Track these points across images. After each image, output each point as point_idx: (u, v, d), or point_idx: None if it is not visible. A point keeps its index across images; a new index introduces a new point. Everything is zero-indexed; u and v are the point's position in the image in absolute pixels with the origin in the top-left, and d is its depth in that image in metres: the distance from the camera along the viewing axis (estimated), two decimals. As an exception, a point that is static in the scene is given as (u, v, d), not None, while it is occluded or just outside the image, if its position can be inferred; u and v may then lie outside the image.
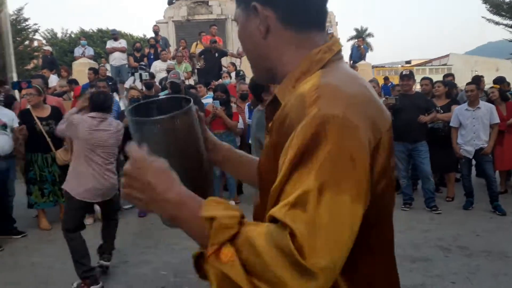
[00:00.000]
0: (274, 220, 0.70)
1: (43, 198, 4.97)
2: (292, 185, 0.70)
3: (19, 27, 15.77)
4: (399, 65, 40.91)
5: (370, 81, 6.29)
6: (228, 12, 13.99)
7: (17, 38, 15.21)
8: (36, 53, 17.55)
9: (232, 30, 13.18)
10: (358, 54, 12.35)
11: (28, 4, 19.19)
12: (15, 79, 10.57)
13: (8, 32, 11.63)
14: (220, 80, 8.70)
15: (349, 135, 0.71)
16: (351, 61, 12.37)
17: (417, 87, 6.96)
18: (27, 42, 17.47)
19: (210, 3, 14.25)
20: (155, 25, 12.30)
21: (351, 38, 46.92)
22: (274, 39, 0.88)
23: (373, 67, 19.07)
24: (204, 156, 1.08)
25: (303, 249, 0.65)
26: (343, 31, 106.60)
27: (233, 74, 9.16)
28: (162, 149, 0.93)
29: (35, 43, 19.13)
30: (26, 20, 16.41)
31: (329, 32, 11.86)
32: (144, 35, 27.10)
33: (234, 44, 12.80)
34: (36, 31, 16.45)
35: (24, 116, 4.92)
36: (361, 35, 44.60)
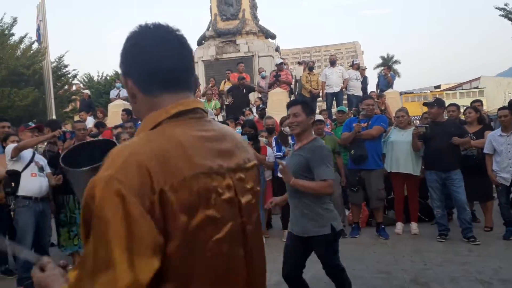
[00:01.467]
0: None
1: (69, 241, 5.06)
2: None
3: (59, 73, 16.74)
4: (428, 91, 40.26)
5: (399, 110, 6.26)
6: (254, 49, 14.41)
7: (57, 83, 16.12)
8: (74, 97, 18.51)
9: (259, 66, 13.52)
10: (385, 82, 12.32)
11: (68, 52, 20.34)
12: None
13: (50, 79, 12.38)
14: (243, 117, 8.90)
15: (111, 188, 0.82)
16: (378, 90, 12.34)
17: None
18: (66, 87, 18.48)
19: (237, 42, 14.73)
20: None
21: (377, 66, 46.93)
22: (139, 103, 1.03)
23: (401, 94, 18.90)
24: None
25: None
26: (369, 60, 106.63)
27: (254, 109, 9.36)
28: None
29: (74, 87, 20.20)
30: (66, 66, 17.44)
31: (355, 62, 11.99)
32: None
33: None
34: (75, 76, 17.42)
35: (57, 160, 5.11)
36: (387, 62, 44.48)
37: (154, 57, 0.98)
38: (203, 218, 0.91)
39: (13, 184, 4.54)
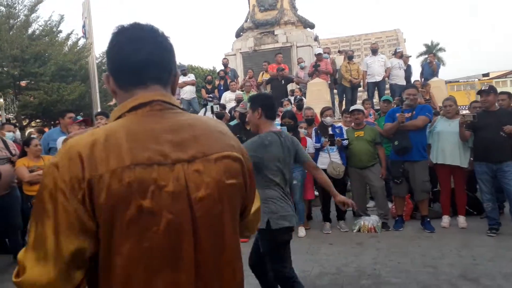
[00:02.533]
0: None
1: None
2: None
3: (104, 68, 17.32)
4: (476, 79, 38.35)
5: (447, 99, 6.00)
6: (293, 39, 14.27)
7: (102, 78, 16.69)
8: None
9: (297, 56, 13.39)
10: (430, 71, 11.83)
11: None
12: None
13: (95, 73, 12.83)
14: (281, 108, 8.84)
15: (50, 175, 0.94)
16: (422, 79, 11.90)
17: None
18: (110, 81, 19.10)
19: (275, 32, 14.64)
20: (224, 58, 12.91)
21: (421, 54, 45.27)
22: (118, 98, 1.11)
23: (447, 82, 18.13)
24: None
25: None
26: (412, 48, 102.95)
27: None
28: None
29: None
30: (109, 61, 17.99)
31: (398, 50, 11.60)
32: (214, 67, 28.33)
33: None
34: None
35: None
36: (431, 50, 42.84)
37: (124, 54, 1.06)
38: (137, 209, 0.93)
39: None
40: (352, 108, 6.29)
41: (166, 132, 1.02)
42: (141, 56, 1.06)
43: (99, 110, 12.25)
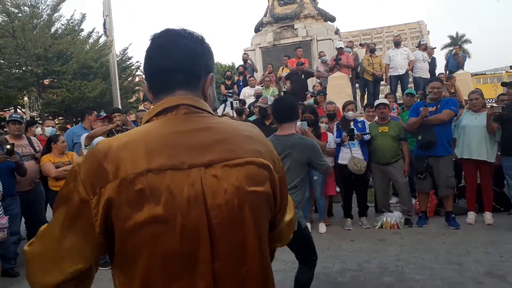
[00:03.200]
0: None
1: None
2: None
3: (123, 65, 17.52)
4: (503, 71, 37.16)
5: (473, 92, 5.81)
6: (313, 33, 14.10)
7: (122, 75, 16.90)
8: (137, 87, 19.32)
9: (318, 50, 13.23)
10: (455, 63, 11.51)
11: (132, 44, 21.21)
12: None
13: (115, 71, 13.00)
14: (305, 101, 8.74)
15: (72, 174, 0.98)
16: (447, 71, 11.59)
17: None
18: (130, 78, 19.33)
19: (295, 26, 14.50)
20: (244, 53, 12.85)
21: (445, 46, 44.18)
22: (154, 103, 1.12)
23: (473, 75, 17.65)
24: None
25: None
26: (436, 40, 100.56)
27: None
28: None
29: (137, 78, 21.07)
30: (129, 58, 18.22)
31: (422, 42, 11.32)
32: (233, 63, 28.34)
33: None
34: (138, 68, 18.11)
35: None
36: (456, 42, 41.74)
37: (153, 61, 1.09)
38: (149, 215, 0.92)
39: None
40: (377, 102, 6.13)
41: (187, 136, 1.01)
42: (167, 62, 1.07)
43: (119, 106, 12.43)
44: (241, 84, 11.30)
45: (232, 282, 1.00)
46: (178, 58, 1.07)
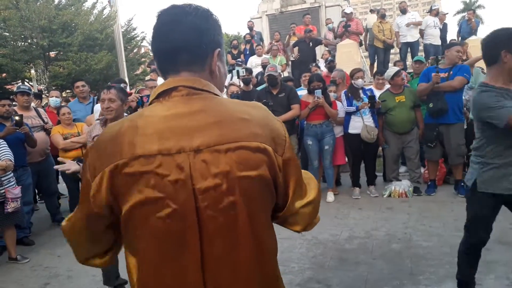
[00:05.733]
0: None
1: None
2: None
3: (128, 36, 17.30)
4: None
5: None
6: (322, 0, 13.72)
7: (128, 47, 16.72)
8: (143, 59, 19.15)
9: (326, 17, 12.90)
10: (468, 29, 11.15)
11: (136, 15, 20.79)
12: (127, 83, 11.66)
13: (121, 42, 12.83)
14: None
15: (85, 157, 1.07)
16: (459, 38, 11.26)
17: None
18: (135, 50, 19.13)
19: (303, -8, 14.11)
20: (249, 21, 12.56)
21: (458, 12, 42.96)
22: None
23: (485, 42, 17.13)
24: None
25: None
26: (449, 5, 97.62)
27: (321, 64, 9.01)
28: None
29: (142, 50, 20.84)
30: (134, 29, 17.96)
31: (433, 7, 10.95)
32: (238, 33, 27.88)
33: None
34: (143, 39, 17.90)
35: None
36: (470, 7, 40.49)
37: (157, 40, 1.09)
38: (139, 197, 0.97)
39: None
40: (391, 71, 5.89)
41: (180, 119, 1.00)
42: (171, 42, 1.06)
43: (126, 79, 12.37)
44: (247, 53, 11.12)
45: (222, 266, 1.00)
46: (182, 37, 1.05)
